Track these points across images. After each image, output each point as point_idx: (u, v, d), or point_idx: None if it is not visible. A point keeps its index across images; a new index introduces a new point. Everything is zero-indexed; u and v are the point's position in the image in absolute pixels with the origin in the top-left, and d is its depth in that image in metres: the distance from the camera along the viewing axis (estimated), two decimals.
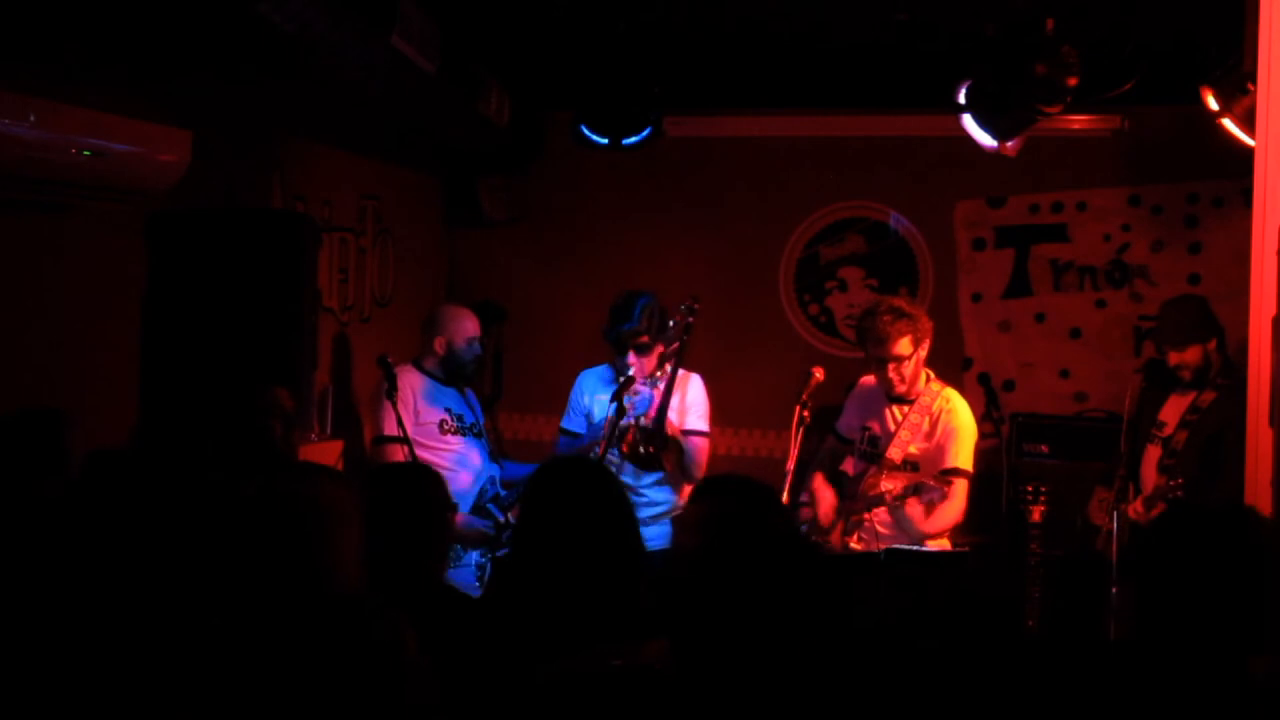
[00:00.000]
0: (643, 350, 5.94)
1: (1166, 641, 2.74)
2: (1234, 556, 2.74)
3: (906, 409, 5.61)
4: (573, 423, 6.22)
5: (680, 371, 5.99)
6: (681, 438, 5.98)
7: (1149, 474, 5.77)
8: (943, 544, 5.53)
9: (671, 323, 5.99)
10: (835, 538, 5.61)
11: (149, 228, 5.12)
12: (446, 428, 6.04)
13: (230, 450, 4.56)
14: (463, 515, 5.87)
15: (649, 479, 6.01)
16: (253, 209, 5.73)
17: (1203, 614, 2.71)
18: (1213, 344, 5.76)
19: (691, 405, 6.06)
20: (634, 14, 6.17)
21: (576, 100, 6.81)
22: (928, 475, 5.43)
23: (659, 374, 5.98)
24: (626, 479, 5.89)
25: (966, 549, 5.52)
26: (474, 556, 5.93)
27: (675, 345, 5.93)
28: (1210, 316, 5.86)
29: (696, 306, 5.95)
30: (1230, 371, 5.74)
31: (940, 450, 5.51)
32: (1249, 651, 2.70)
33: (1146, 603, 2.80)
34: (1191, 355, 5.73)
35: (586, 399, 6.20)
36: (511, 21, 6.36)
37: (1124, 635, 5.43)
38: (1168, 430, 5.77)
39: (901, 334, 5.49)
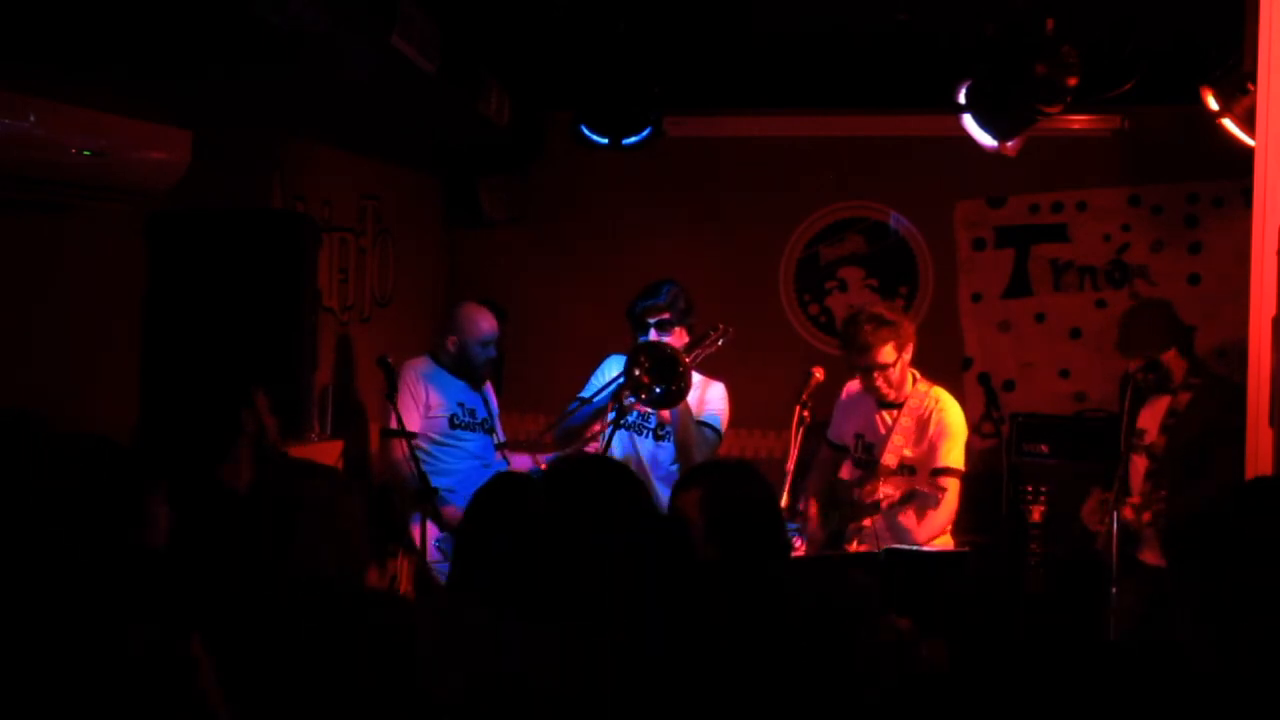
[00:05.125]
0: (664, 328, 5.85)
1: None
2: None
3: (896, 413, 5.61)
4: (588, 393, 6.09)
5: (701, 376, 5.92)
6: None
7: (1138, 483, 5.75)
8: (945, 542, 5.54)
9: (710, 331, 5.87)
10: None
11: (149, 228, 5.12)
12: (457, 422, 6.04)
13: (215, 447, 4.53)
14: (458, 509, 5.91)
15: (665, 465, 5.94)
16: (253, 209, 5.73)
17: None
18: (1171, 353, 5.71)
19: (709, 400, 5.93)
20: (634, 14, 6.17)
21: (576, 100, 6.81)
22: (923, 477, 5.45)
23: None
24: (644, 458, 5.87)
25: (967, 549, 5.53)
26: None
27: (699, 351, 5.78)
28: (1169, 324, 5.81)
29: (731, 331, 5.84)
30: (1201, 370, 5.74)
31: (932, 449, 5.52)
32: None
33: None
34: (1148, 363, 5.69)
35: (607, 377, 6.13)
36: (511, 21, 6.36)
37: (1124, 635, 5.44)
38: (1149, 438, 5.75)
39: (884, 341, 5.49)
